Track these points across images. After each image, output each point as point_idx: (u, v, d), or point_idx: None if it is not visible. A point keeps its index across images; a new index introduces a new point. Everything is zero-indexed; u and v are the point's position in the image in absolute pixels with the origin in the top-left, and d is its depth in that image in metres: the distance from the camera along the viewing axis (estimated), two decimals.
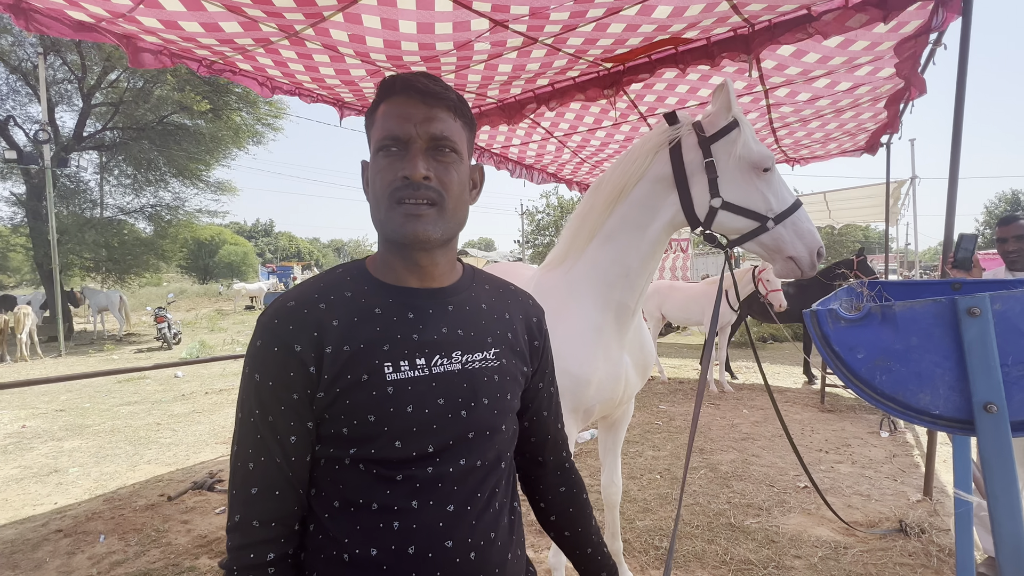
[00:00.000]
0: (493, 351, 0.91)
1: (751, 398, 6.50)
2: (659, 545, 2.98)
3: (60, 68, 14.48)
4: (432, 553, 0.80)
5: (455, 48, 2.84)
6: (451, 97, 0.86)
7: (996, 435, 1.07)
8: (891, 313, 1.15)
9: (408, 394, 0.81)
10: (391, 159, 0.82)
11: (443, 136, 0.83)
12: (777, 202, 1.71)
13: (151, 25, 2.48)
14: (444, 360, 0.85)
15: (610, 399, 1.97)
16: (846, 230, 25.20)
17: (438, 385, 0.84)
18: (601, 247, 1.89)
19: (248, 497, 0.80)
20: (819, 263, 1.74)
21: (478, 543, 0.84)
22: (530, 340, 0.99)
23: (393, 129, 0.82)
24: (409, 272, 0.88)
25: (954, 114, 2.66)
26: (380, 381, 0.80)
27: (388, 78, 0.87)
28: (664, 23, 2.67)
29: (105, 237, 14.78)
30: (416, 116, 0.82)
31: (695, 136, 1.76)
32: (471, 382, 0.86)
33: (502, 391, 0.90)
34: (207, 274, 40.90)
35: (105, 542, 3.16)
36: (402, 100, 0.83)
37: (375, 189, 0.84)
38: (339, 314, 0.83)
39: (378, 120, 0.85)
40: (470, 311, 0.92)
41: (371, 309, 0.84)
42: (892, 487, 3.77)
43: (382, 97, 0.86)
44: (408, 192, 0.81)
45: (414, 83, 0.84)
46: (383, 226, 0.84)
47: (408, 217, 0.81)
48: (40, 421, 6.16)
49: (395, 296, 0.87)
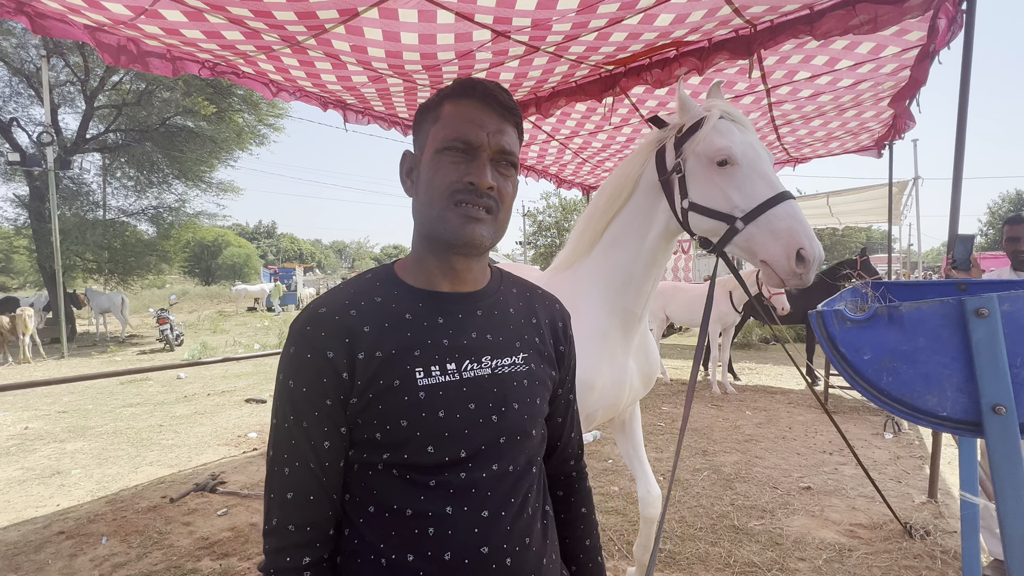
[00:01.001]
0: (522, 355, 0.91)
1: (753, 399, 6.48)
2: (662, 547, 2.97)
3: (63, 70, 14.53)
4: (468, 559, 0.81)
5: (456, 57, 2.84)
6: (519, 113, 0.89)
7: (1005, 437, 1.06)
8: (898, 314, 1.14)
9: (439, 399, 0.82)
10: (456, 160, 0.83)
11: (510, 151, 0.86)
12: (743, 199, 1.53)
13: (152, 31, 2.49)
14: (474, 365, 0.86)
15: (613, 405, 1.96)
16: (849, 231, 25.15)
17: (468, 390, 0.84)
18: (606, 253, 1.88)
19: (284, 501, 0.81)
20: (809, 269, 1.44)
21: (513, 549, 0.84)
22: (555, 345, 0.99)
23: (466, 133, 0.83)
24: (443, 275, 0.89)
25: (958, 114, 2.65)
26: (412, 386, 0.81)
27: (466, 80, 0.87)
28: (666, 30, 2.66)
29: (107, 239, 14.81)
30: (490, 126, 0.84)
31: (674, 138, 1.71)
32: (501, 387, 0.87)
33: (531, 396, 0.90)
34: (209, 276, 40.97)
35: (107, 544, 3.16)
36: (477, 106, 0.85)
37: (432, 185, 0.84)
38: (370, 320, 0.83)
39: (445, 118, 0.85)
40: (499, 315, 0.92)
41: (402, 314, 0.85)
42: (897, 489, 3.75)
43: (454, 96, 0.86)
44: (470, 196, 0.82)
45: (495, 93, 0.85)
46: (436, 223, 0.84)
47: (466, 219, 0.83)
48: (42, 423, 6.17)
49: (425, 301, 0.87)
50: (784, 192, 1.50)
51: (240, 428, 5.73)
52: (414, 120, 0.93)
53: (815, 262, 1.43)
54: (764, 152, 1.60)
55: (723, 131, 1.58)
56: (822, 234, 25.83)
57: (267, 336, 14.35)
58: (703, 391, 6.99)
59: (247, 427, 5.75)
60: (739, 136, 1.58)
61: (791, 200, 1.49)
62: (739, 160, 1.54)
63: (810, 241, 1.43)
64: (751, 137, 1.60)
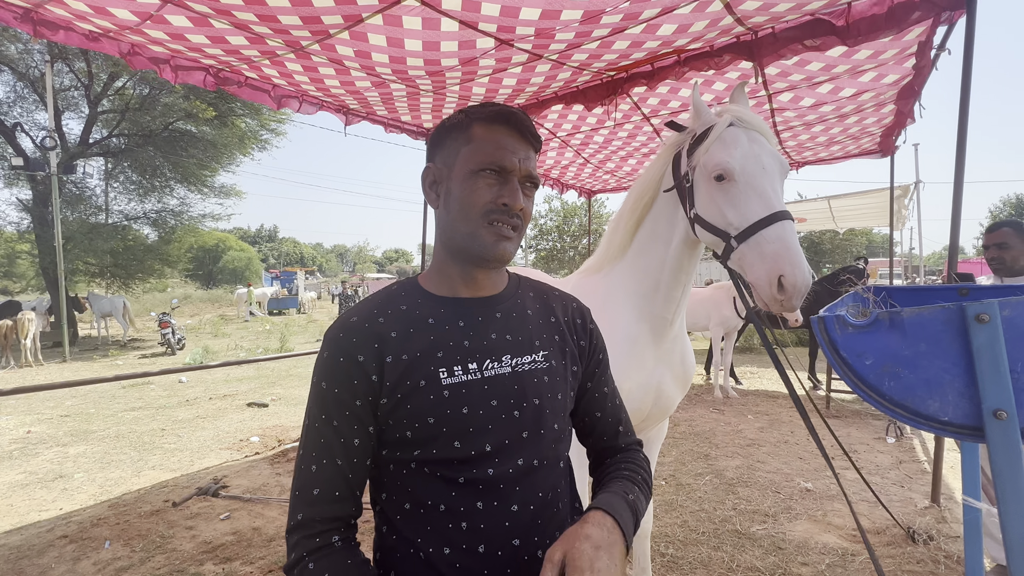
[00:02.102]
0: (542, 353, 0.96)
1: (756, 404, 6.48)
2: (664, 552, 2.96)
3: (67, 76, 14.62)
4: (501, 551, 0.86)
5: (460, 64, 2.86)
6: (541, 141, 0.97)
7: (1006, 442, 1.06)
8: (899, 319, 1.15)
9: (463, 397, 0.87)
10: (490, 183, 0.90)
11: (534, 176, 0.95)
12: (737, 217, 1.48)
13: (157, 36, 2.51)
14: (495, 364, 0.91)
15: (638, 410, 1.93)
16: (850, 235, 25.13)
17: (490, 388, 0.89)
18: (634, 259, 1.87)
19: (311, 497, 0.85)
20: (791, 297, 1.37)
21: (544, 542, 0.88)
22: (577, 340, 1.03)
23: (501, 159, 0.90)
24: (463, 283, 0.96)
25: (958, 119, 2.66)
26: (436, 386, 0.87)
27: (498, 107, 0.94)
28: (669, 39, 2.68)
29: (110, 243, 14.84)
30: (520, 152, 0.92)
31: (688, 144, 1.67)
32: (521, 384, 0.92)
33: (552, 391, 0.94)
34: (211, 280, 41.03)
35: (110, 548, 3.16)
36: (508, 132, 0.92)
37: (468, 204, 0.90)
38: (396, 326, 0.90)
39: (478, 141, 0.91)
40: (517, 317, 0.98)
41: (424, 320, 0.92)
42: (899, 493, 3.74)
43: (486, 121, 0.93)
44: (503, 216, 0.90)
45: (525, 122, 0.93)
46: (468, 239, 0.91)
47: (499, 238, 0.90)
48: (45, 427, 6.18)
49: (446, 307, 0.94)
50: (777, 213, 1.43)
51: (242, 432, 5.73)
52: (435, 134, 0.98)
53: (796, 290, 1.36)
54: (772, 164, 1.52)
55: (727, 142, 1.52)
56: (823, 237, 25.89)
57: (269, 340, 14.36)
58: (704, 395, 6.98)
59: (249, 431, 5.75)
60: (744, 148, 1.51)
61: (783, 222, 1.42)
62: (736, 176, 1.49)
63: (793, 268, 1.36)
64: (760, 148, 1.52)
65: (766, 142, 1.55)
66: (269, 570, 2.87)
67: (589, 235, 8.72)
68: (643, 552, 2.25)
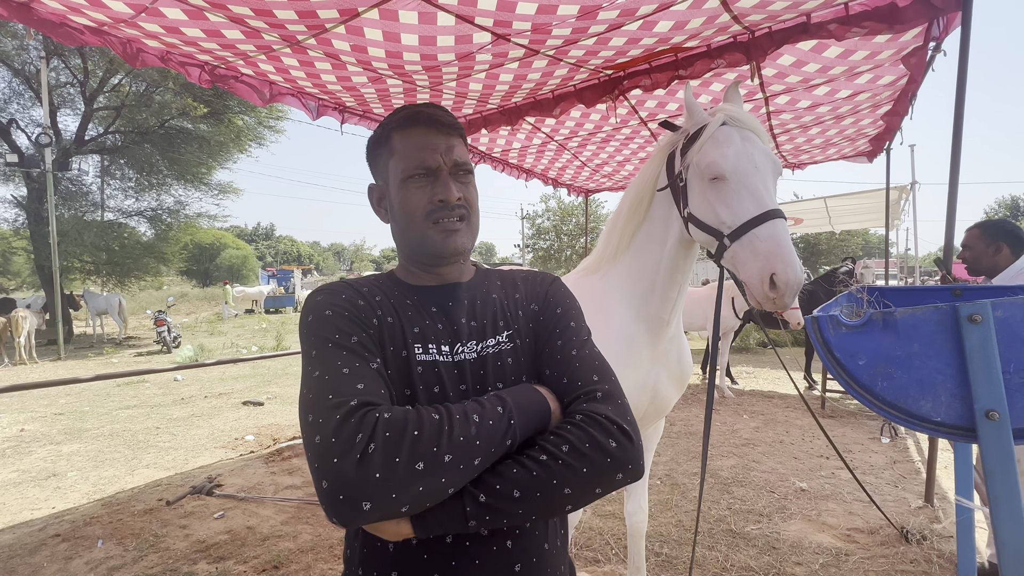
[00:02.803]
0: (506, 334, 0.96)
1: (751, 404, 6.49)
2: (659, 551, 2.97)
3: (63, 72, 14.54)
4: (469, 542, 0.84)
5: (456, 59, 2.85)
6: (460, 126, 0.98)
7: (998, 442, 1.06)
8: (892, 320, 1.14)
9: (435, 375, 0.88)
10: (420, 185, 0.92)
11: (464, 162, 0.96)
12: (730, 216, 1.48)
13: (152, 30, 2.49)
14: (464, 349, 0.92)
15: (634, 409, 1.94)
16: (845, 235, 25.22)
17: (460, 372, 0.91)
18: (631, 259, 1.88)
19: (355, 390, 0.76)
20: (783, 294, 1.38)
21: (513, 532, 0.87)
22: (529, 305, 1.01)
23: (423, 159, 0.92)
24: (432, 277, 0.99)
25: (954, 120, 2.67)
26: (413, 360, 0.88)
27: (407, 111, 0.95)
28: (665, 36, 2.68)
29: (106, 240, 14.79)
30: (440, 146, 0.93)
31: (682, 144, 1.67)
32: (486, 368, 0.92)
33: (517, 374, 0.94)
34: (207, 278, 40.91)
35: (103, 547, 3.15)
36: (424, 131, 0.93)
37: (408, 212, 0.93)
38: (378, 294, 0.94)
39: (400, 149, 0.94)
40: (482, 303, 0.99)
41: (402, 300, 0.95)
42: (893, 493, 3.75)
43: (400, 128, 0.95)
44: (444, 212, 0.92)
45: (436, 117, 0.94)
46: (419, 244, 0.94)
47: (447, 233, 0.93)
48: (38, 425, 6.15)
49: (419, 293, 0.97)
50: (770, 211, 1.43)
51: (237, 431, 5.71)
52: (368, 153, 1.02)
53: (789, 288, 1.38)
54: (765, 163, 1.52)
55: (720, 141, 1.52)
56: (819, 238, 25.95)
57: (265, 339, 14.32)
58: (700, 395, 6.99)
59: (244, 430, 5.73)
60: (737, 147, 1.51)
61: (776, 220, 1.42)
62: (728, 175, 1.49)
63: (785, 266, 1.37)
64: (753, 147, 1.52)
65: (759, 141, 1.55)
66: (263, 569, 2.86)
67: (587, 234, 8.73)
68: (638, 551, 2.26)
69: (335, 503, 0.69)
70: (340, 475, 0.69)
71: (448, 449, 0.72)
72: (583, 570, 2.82)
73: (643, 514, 2.24)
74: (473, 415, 0.77)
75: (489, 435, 0.76)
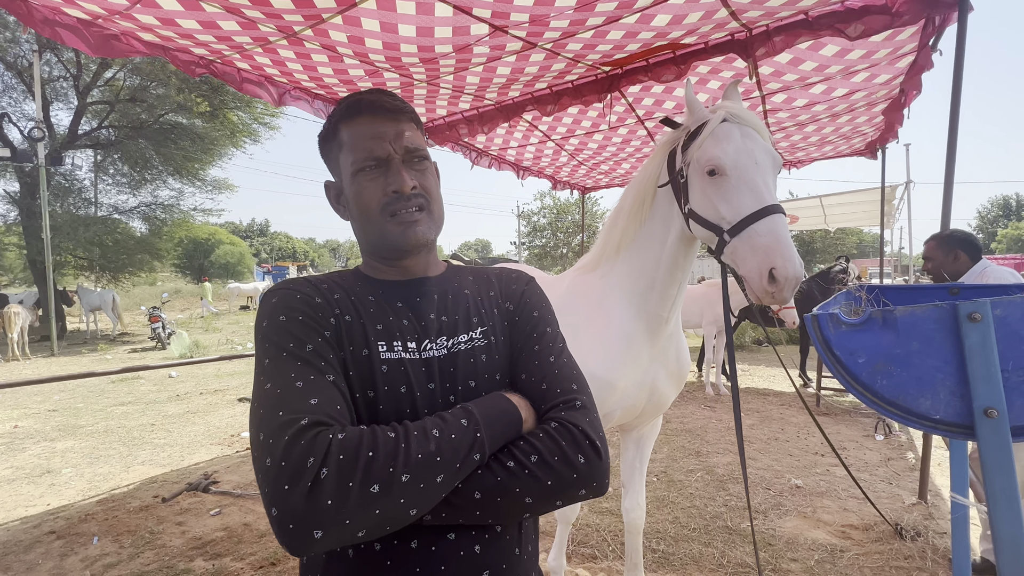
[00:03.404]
0: (480, 330, 0.93)
1: (746, 401, 6.51)
2: (656, 548, 2.98)
3: (56, 65, 14.40)
4: (435, 547, 0.80)
5: (454, 51, 2.84)
6: (410, 110, 0.93)
7: (996, 440, 1.07)
8: (892, 318, 1.15)
9: (401, 375, 0.84)
10: (373, 177, 0.88)
11: (416, 147, 0.91)
12: (730, 211, 1.49)
13: (147, 22, 2.47)
14: (433, 345, 0.88)
15: (632, 406, 1.96)
16: (840, 234, 25.34)
17: (428, 370, 0.86)
18: (631, 257, 1.88)
19: (308, 406, 0.72)
20: (782, 289, 1.39)
21: (483, 535, 0.83)
22: (505, 304, 0.99)
23: (371, 149, 0.88)
24: (397, 272, 0.95)
25: (949, 119, 2.68)
26: (376, 359, 0.83)
27: (350, 100, 0.91)
28: (663, 30, 2.68)
29: (99, 236, 14.68)
30: (388, 134, 0.89)
31: (682, 141, 1.68)
32: (457, 365, 0.88)
33: (490, 371, 0.90)
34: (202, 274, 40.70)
35: (98, 544, 3.13)
36: (369, 120, 0.89)
37: (363, 207, 0.89)
38: (338, 291, 0.89)
39: (348, 142, 0.90)
40: (453, 298, 0.95)
41: (364, 296, 0.90)
42: (887, 490, 3.78)
43: (345, 119, 0.90)
44: (400, 204, 0.88)
45: (380, 103, 0.89)
46: (378, 239, 0.91)
47: (406, 225, 0.89)
48: (32, 421, 6.11)
49: (385, 288, 0.93)
50: (769, 206, 1.44)
51: (233, 427, 5.69)
52: (320, 150, 0.98)
53: (788, 282, 1.38)
54: (764, 159, 1.53)
55: (720, 138, 1.53)
56: (814, 236, 26.07)
57: None
58: (696, 392, 7.02)
59: (240, 426, 5.71)
60: (737, 143, 1.52)
61: (775, 215, 1.43)
62: (728, 171, 1.50)
63: (784, 261, 1.37)
64: (753, 143, 1.53)
65: (759, 137, 1.56)
66: (260, 566, 2.85)
67: (583, 232, 8.74)
68: (635, 548, 2.27)
69: (285, 532, 0.65)
70: (289, 504, 0.65)
71: (405, 469, 0.69)
72: (580, 566, 2.83)
73: (640, 510, 2.25)
74: (433, 430, 0.74)
75: (452, 450, 0.73)
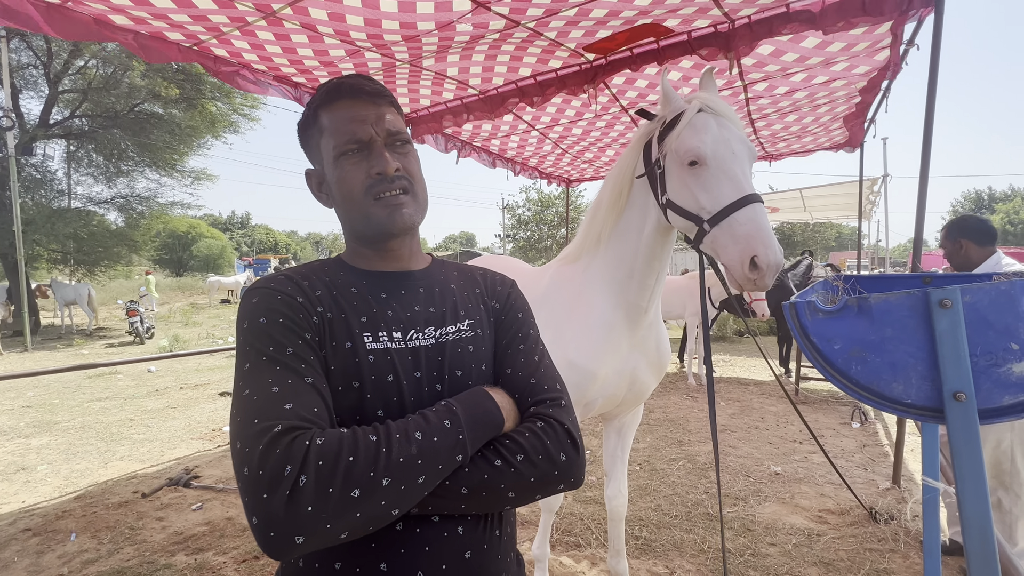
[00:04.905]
0: (467, 322, 0.94)
1: (727, 391, 6.62)
2: (639, 535, 3.02)
3: (24, 53, 13.93)
4: (420, 528, 0.81)
5: (436, 28, 2.81)
6: (390, 94, 0.93)
7: (965, 423, 1.10)
8: (867, 305, 1.18)
9: (387, 364, 0.84)
10: (355, 160, 0.88)
11: (398, 131, 0.92)
12: (709, 201, 1.50)
13: (119, 2, 2.40)
14: (419, 335, 0.89)
15: (613, 395, 1.98)
16: (820, 226, 25.77)
17: (414, 359, 0.87)
18: (611, 248, 1.90)
19: (283, 412, 0.72)
20: (764, 276, 1.41)
21: (465, 519, 0.84)
22: (490, 302, 1.01)
23: (354, 132, 0.88)
24: (381, 259, 0.95)
25: (925, 116, 2.74)
26: (361, 350, 0.84)
27: (329, 85, 0.91)
28: (646, 8, 2.69)
29: (73, 228, 14.30)
30: (370, 117, 0.89)
31: (658, 132, 1.68)
32: (445, 355, 0.89)
33: (476, 361, 0.92)
34: (182, 267, 39.99)
35: (76, 540, 3.08)
36: (351, 103, 0.89)
37: (346, 191, 0.89)
38: (320, 287, 0.88)
39: (328, 126, 0.90)
40: (440, 291, 0.96)
41: (348, 288, 0.90)
42: (863, 476, 3.88)
43: (325, 104, 0.91)
44: (384, 186, 0.88)
45: (360, 86, 0.90)
46: (363, 222, 0.90)
47: (391, 208, 0.88)
48: (5, 418, 5.97)
49: (368, 279, 0.92)
50: (748, 196, 1.46)
51: (215, 422, 5.63)
52: (299, 138, 0.98)
53: (770, 269, 1.40)
54: (741, 149, 1.54)
55: (698, 128, 1.54)
56: (794, 228, 26.48)
57: None
58: (678, 382, 7.11)
59: (222, 421, 5.65)
60: (714, 133, 1.53)
61: (755, 204, 1.45)
62: (708, 161, 1.51)
63: (766, 248, 1.39)
64: (729, 133, 1.55)
65: (734, 127, 1.58)
66: (243, 560, 2.83)
67: (567, 224, 8.75)
68: (618, 535, 2.30)
69: (266, 540, 0.65)
70: (269, 513, 0.65)
71: (386, 472, 0.69)
72: (564, 554, 2.86)
73: (623, 499, 2.28)
74: (415, 432, 0.74)
75: (434, 452, 0.74)
